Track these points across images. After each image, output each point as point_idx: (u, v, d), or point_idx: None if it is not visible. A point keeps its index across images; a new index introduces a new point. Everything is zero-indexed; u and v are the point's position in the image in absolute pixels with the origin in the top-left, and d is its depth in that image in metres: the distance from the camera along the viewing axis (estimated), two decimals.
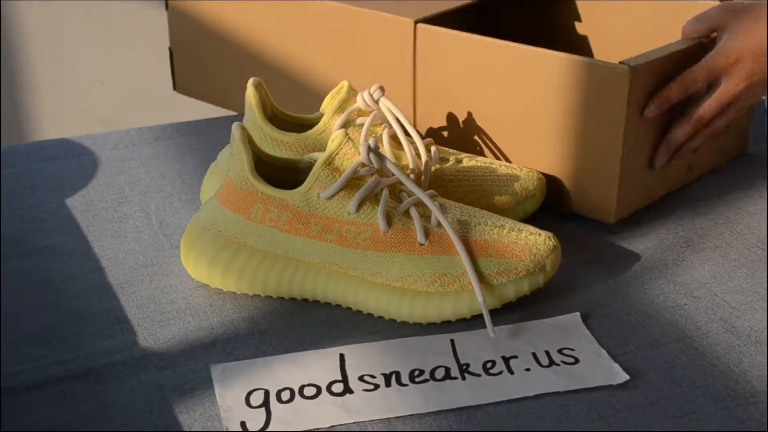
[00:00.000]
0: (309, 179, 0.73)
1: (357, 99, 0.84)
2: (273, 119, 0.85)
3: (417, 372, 0.68)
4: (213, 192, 0.82)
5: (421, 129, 0.93)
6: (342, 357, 0.70)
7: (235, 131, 0.75)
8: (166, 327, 0.73)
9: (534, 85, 0.85)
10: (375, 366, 0.69)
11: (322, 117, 0.84)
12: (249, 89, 0.83)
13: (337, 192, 0.72)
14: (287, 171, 0.77)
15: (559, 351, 0.70)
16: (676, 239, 0.85)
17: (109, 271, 0.80)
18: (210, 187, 0.85)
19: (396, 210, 0.74)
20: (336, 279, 0.74)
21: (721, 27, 0.86)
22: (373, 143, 0.73)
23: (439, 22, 0.91)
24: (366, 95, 0.83)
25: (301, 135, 0.82)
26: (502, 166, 0.86)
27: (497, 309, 0.74)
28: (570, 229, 0.86)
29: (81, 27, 1.99)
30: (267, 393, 0.66)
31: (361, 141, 0.74)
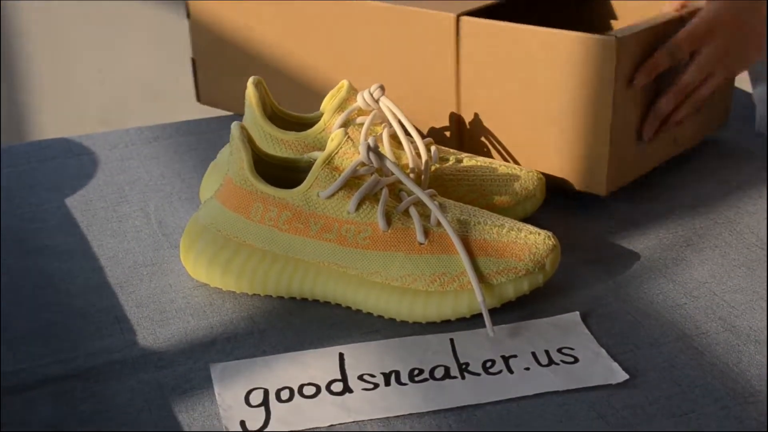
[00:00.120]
0: (308, 178, 0.73)
1: (357, 98, 0.84)
2: (273, 118, 0.85)
3: (416, 371, 0.68)
4: (212, 191, 0.82)
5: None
6: (341, 356, 0.70)
7: (235, 130, 0.75)
8: (165, 326, 0.73)
9: (536, 63, 0.86)
10: (374, 365, 0.69)
11: (322, 116, 0.84)
12: (249, 88, 0.83)
13: (337, 191, 0.72)
14: (287, 170, 0.77)
15: (559, 350, 0.70)
16: (675, 239, 0.85)
17: (109, 271, 0.80)
18: (209, 187, 0.85)
19: (395, 209, 0.73)
20: (335, 278, 0.74)
21: None
22: (373, 142, 0.73)
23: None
24: (366, 94, 0.83)
25: (301, 134, 0.82)
26: (502, 165, 0.85)
27: (497, 308, 0.74)
28: (570, 229, 0.86)
29: (81, 27, 1.99)
30: (266, 392, 0.66)
31: (361, 140, 0.74)
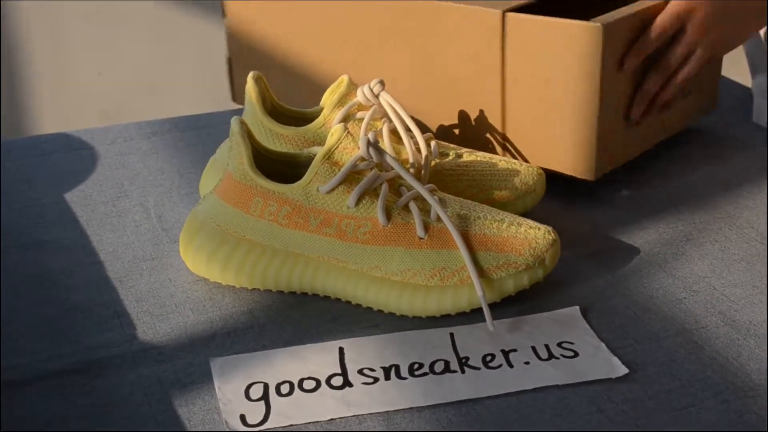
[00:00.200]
0: (308, 173, 0.73)
1: (357, 93, 0.84)
2: (272, 113, 0.85)
3: (416, 365, 0.68)
4: (212, 186, 0.82)
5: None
6: (341, 350, 0.70)
7: (234, 125, 0.75)
8: (165, 321, 0.73)
9: (525, 51, 0.86)
10: (374, 359, 0.69)
11: (321, 111, 0.84)
12: (249, 83, 0.83)
13: (337, 186, 0.72)
14: (286, 165, 0.77)
15: (559, 344, 0.70)
16: (675, 233, 0.85)
17: (108, 265, 0.80)
18: (209, 182, 0.85)
19: (395, 204, 0.73)
20: (335, 273, 0.74)
21: None
22: (373, 137, 0.73)
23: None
24: (366, 89, 0.83)
25: (301, 129, 0.82)
26: (501, 160, 0.85)
27: (496, 303, 0.74)
28: (569, 224, 0.86)
29: (80, 22, 1.98)
30: (266, 386, 0.66)
31: (361, 135, 0.74)
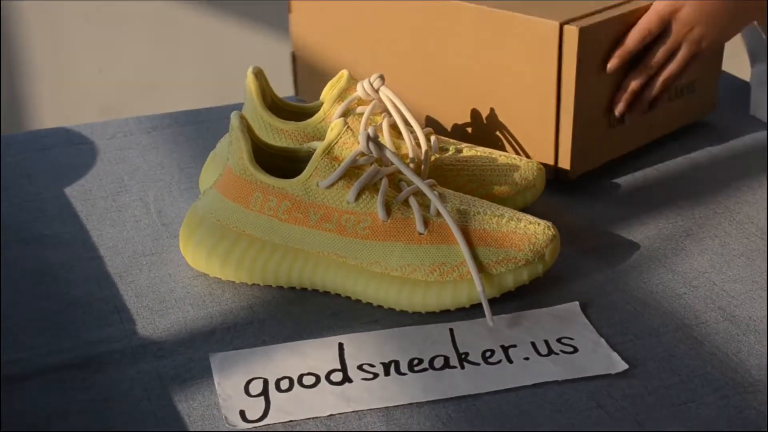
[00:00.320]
0: (308, 168, 0.73)
1: (357, 88, 0.84)
2: (272, 108, 0.85)
3: (416, 361, 0.68)
4: (212, 181, 0.82)
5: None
6: (341, 346, 0.70)
7: (234, 120, 0.75)
8: (165, 316, 0.73)
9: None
10: (374, 355, 0.69)
11: (321, 106, 0.84)
12: (249, 77, 0.83)
13: (337, 181, 0.72)
14: (286, 160, 0.77)
15: (558, 340, 0.70)
16: (675, 228, 0.85)
17: (108, 260, 0.80)
18: (209, 176, 0.85)
19: (395, 199, 0.73)
20: (335, 268, 0.74)
21: None
22: (373, 132, 0.73)
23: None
24: (366, 84, 0.83)
25: (301, 124, 0.82)
26: (501, 156, 0.85)
27: (496, 298, 0.74)
28: (569, 219, 0.86)
29: (80, 21, 1.98)
30: (266, 382, 0.66)
31: (361, 130, 0.74)
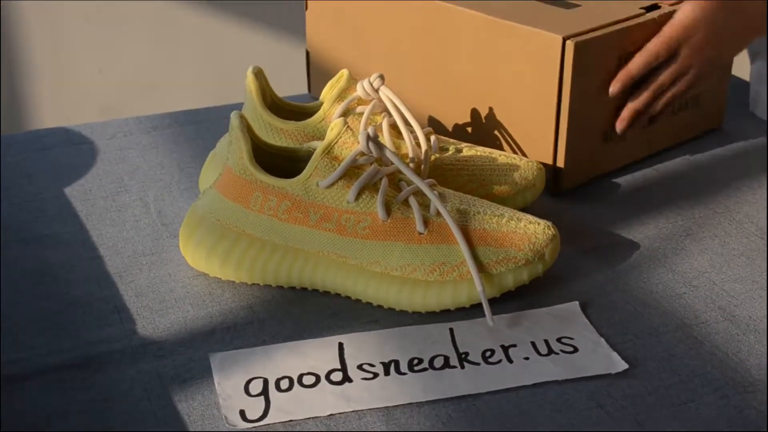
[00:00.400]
0: (308, 168, 0.73)
1: (357, 88, 0.83)
2: (272, 107, 0.85)
3: (416, 361, 0.68)
4: (212, 181, 0.82)
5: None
6: (341, 346, 0.70)
7: (234, 120, 0.75)
8: (164, 316, 0.73)
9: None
10: (374, 355, 0.69)
11: (321, 105, 0.84)
12: (248, 77, 0.83)
13: (336, 181, 0.72)
14: (286, 160, 0.77)
15: (558, 340, 0.70)
16: (675, 228, 0.85)
17: (108, 260, 0.80)
18: (209, 176, 0.85)
19: (395, 199, 0.73)
20: (335, 268, 0.74)
21: None
22: (373, 132, 0.73)
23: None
24: (366, 84, 0.83)
25: (301, 123, 0.82)
26: (501, 155, 0.85)
27: (496, 298, 0.74)
28: (569, 219, 0.86)
29: (80, 21, 1.98)
30: (266, 381, 0.66)
31: (361, 130, 0.74)
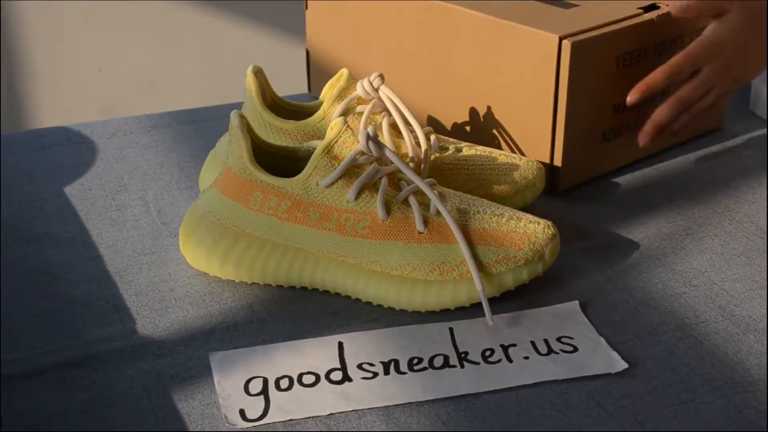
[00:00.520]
0: (308, 167, 0.73)
1: (357, 87, 0.83)
2: (272, 107, 0.85)
3: (416, 360, 0.68)
4: (212, 180, 0.82)
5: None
6: (341, 345, 0.70)
7: (234, 119, 0.75)
8: (164, 315, 0.73)
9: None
10: (374, 354, 0.69)
11: (321, 105, 0.84)
12: (248, 76, 0.83)
13: (336, 180, 0.72)
14: (286, 159, 0.77)
15: (558, 339, 0.70)
16: (675, 228, 0.85)
17: (108, 259, 0.80)
18: (209, 176, 0.85)
19: (395, 198, 0.73)
20: (335, 267, 0.74)
21: (722, 10, 0.87)
22: (372, 131, 0.73)
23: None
24: (366, 83, 0.83)
25: (301, 123, 0.82)
26: (501, 155, 0.85)
27: (496, 297, 0.74)
28: (569, 218, 0.86)
29: (80, 21, 1.98)
30: (266, 381, 0.66)
31: (360, 129, 0.74)
